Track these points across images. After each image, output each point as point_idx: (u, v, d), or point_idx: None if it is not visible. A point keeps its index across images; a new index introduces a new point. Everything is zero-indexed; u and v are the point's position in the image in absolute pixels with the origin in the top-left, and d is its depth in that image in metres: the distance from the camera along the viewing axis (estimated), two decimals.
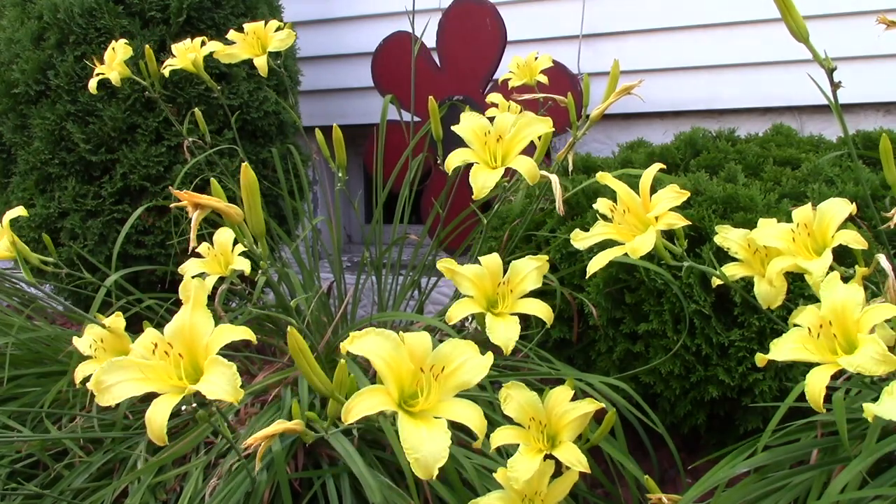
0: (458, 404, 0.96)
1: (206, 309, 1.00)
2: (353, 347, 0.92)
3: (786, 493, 1.21)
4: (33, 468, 1.78)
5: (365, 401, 0.89)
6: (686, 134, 2.26)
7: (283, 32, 1.97)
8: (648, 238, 1.10)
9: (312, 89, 3.33)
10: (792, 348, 0.96)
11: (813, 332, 0.95)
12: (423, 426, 0.90)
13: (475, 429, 0.95)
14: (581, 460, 1.13)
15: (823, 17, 2.56)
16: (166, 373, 0.96)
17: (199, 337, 0.98)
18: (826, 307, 0.96)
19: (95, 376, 0.93)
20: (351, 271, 3.17)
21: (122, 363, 0.95)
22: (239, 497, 1.43)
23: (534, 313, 1.26)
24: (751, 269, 1.21)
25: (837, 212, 1.11)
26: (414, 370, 0.94)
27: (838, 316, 0.95)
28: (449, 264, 1.24)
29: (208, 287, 1.56)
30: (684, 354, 1.74)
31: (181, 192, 1.11)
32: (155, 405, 0.93)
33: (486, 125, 1.39)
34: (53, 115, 2.45)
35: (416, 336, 0.96)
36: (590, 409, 1.16)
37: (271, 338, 2.10)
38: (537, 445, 1.15)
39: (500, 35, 2.89)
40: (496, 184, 1.34)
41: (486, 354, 0.98)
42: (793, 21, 1.09)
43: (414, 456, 0.87)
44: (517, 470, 1.11)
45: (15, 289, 2.47)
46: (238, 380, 0.92)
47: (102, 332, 1.36)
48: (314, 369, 0.96)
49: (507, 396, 1.18)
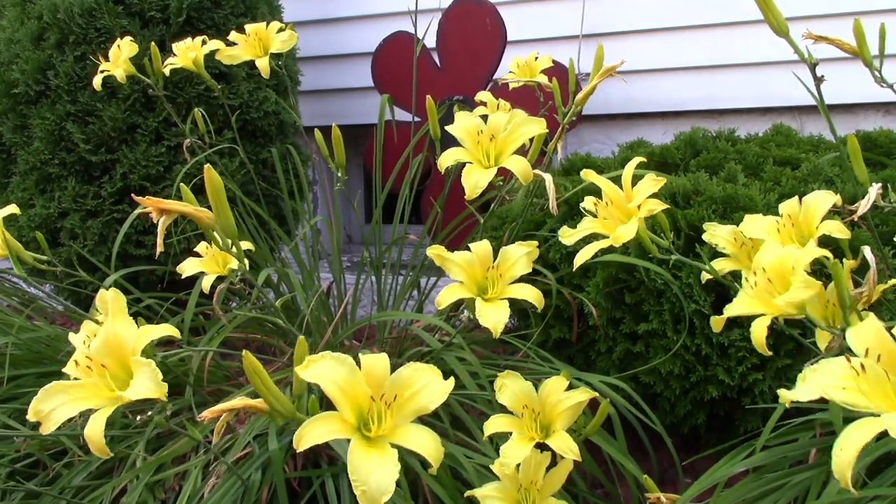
0: (415, 431, 0.92)
1: (127, 316, 1.01)
2: (305, 374, 0.89)
3: (784, 493, 1.21)
4: (33, 467, 1.78)
5: (316, 428, 0.87)
6: (686, 134, 2.25)
7: (286, 34, 1.97)
8: (630, 226, 1.14)
9: (313, 89, 3.33)
10: (741, 304, 1.05)
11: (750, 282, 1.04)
12: (374, 455, 0.87)
13: (430, 458, 0.92)
14: (573, 448, 1.14)
15: (823, 18, 2.57)
16: (97, 387, 0.97)
17: (125, 343, 1.00)
18: (767, 264, 1.03)
19: (33, 406, 0.95)
20: (351, 271, 3.17)
21: (54, 389, 0.97)
22: (237, 496, 1.43)
23: (524, 297, 1.26)
24: (739, 264, 1.24)
25: (822, 203, 1.14)
26: (370, 395, 0.91)
27: (777, 271, 1.01)
28: (438, 250, 1.25)
29: (206, 285, 1.57)
30: (684, 354, 1.74)
31: (144, 198, 1.07)
32: (91, 421, 0.94)
33: (479, 124, 1.39)
34: (53, 115, 2.45)
35: (372, 359, 0.93)
36: (583, 398, 1.18)
37: (271, 338, 2.10)
38: (530, 434, 1.17)
39: (500, 35, 2.89)
40: (489, 183, 1.34)
41: (448, 380, 0.95)
42: (773, 17, 1.14)
43: (361, 488, 0.84)
44: (508, 455, 1.12)
45: (15, 289, 2.47)
46: (159, 374, 0.93)
47: (96, 328, 1.36)
48: (272, 391, 0.93)
49: (502, 386, 1.20)
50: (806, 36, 1.20)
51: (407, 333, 2.03)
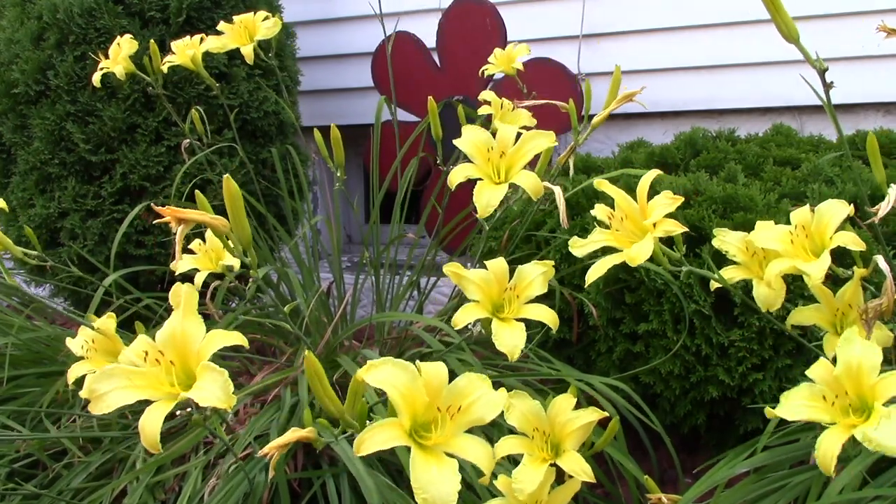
0: (470, 442, 0.94)
1: (197, 315, 0.98)
2: (369, 377, 0.89)
3: (785, 494, 1.21)
4: (32, 468, 1.78)
5: (379, 434, 0.88)
6: (686, 134, 2.25)
7: (270, 21, 1.97)
8: (646, 246, 1.09)
9: (312, 89, 3.33)
10: (803, 406, 0.92)
11: (828, 399, 0.90)
12: (433, 463, 0.88)
13: (483, 468, 0.94)
14: (586, 470, 1.11)
15: (824, 18, 2.56)
16: (158, 380, 0.94)
17: (191, 343, 0.96)
18: (841, 364, 0.91)
19: (88, 384, 0.92)
20: (351, 271, 3.17)
21: (113, 371, 0.93)
22: (238, 497, 1.42)
23: (539, 318, 1.25)
24: (749, 273, 1.20)
25: (836, 213, 1.09)
26: (429, 403, 0.92)
27: (853, 376, 0.90)
28: (456, 268, 1.24)
29: (199, 283, 1.56)
30: (684, 354, 1.74)
31: (163, 208, 1.07)
32: (148, 413, 0.91)
33: (488, 140, 1.37)
34: (53, 115, 2.45)
35: (432, 368, 0.94)
36: (593, 418, 1.15)
37: (271, 338, 2.10)
38: (541, 455, 1.13)
39: (500, 35, 2.88)
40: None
41: (500, 390, 0.97)
42: (782, 22, 1.07)
43: (423, 496, 0.85)
44: (522, 481, 1.09)
45: (15, 289, 2.47)
46: (230, 386, 0.90)
47: (94, 333, 1.36)
48: (328, 393, 0.94)
49: (510, 406, 1.16)
50: (880, 28, 1.17)
51: (407, 334, 2.03)
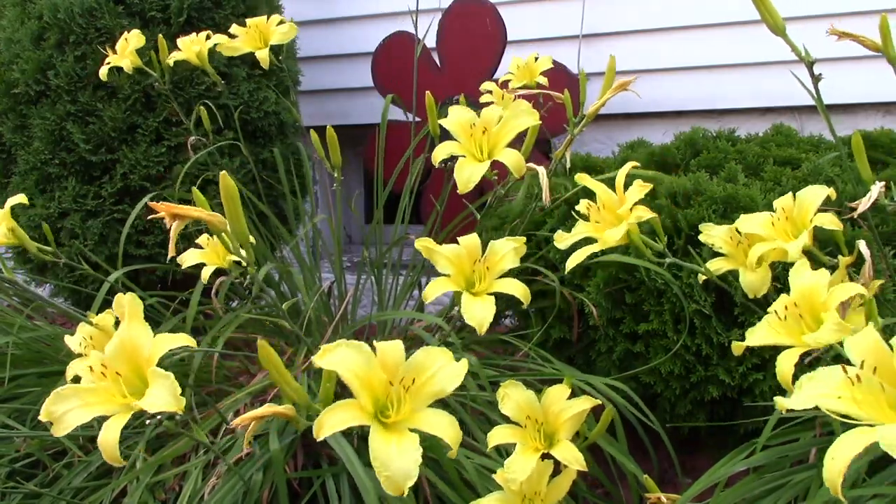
0: (432, 415, 0.92)
1: (144, 322, 0.99)
2: (322, 362, 0.89)
3: (785, 492, 1.21)
4: (32, 468, 1.78)
5: (336, 415, 0.87)
6: (686, 134, 2.25)
7: (286, 26, 1.98)
8: (618, 230, 1.16)
9: (313, 89, 3.33)
10: (765, 333, 1.01)
11: (780, 315, 0.99)
12: (393, 440, 0.87)
13: (449, 440, 0.92)
14: (578, 459, 1.12)
15: (824, 17, 2.56)
16: (110, 393, 0.95)
17: (140, 350, 0.97)
18: (794, 292, 1.00)
19: (45, 407, 0.94)
20: (351, 271, 3.17)
21: (66, 392, 0.95)
22: (238, 496, 1.42)
23: (511, 292, 1.26)
24: (735, 263, 1.24)
25: (815, 197, 1.16)
26: (387, 381, 0.91)
27: (806, 299, 0.98)
28: (427, 243, 1.25)
29: (205, 276, 1.56)
30: (684, 354, 1.74)
31: (158, 203, 1.08)
32: (105, 429, 0.92)
33: (472, 118, 1.39)
34: (53, 115, 2.45)
35: (387, 346, 0.93)
36: (586, 406, 1.16)
37: (272, 337, 2.10)
38: (534, 444, 1.14)
39: (500, 35, 2.89)
40: (484, 178, 1.34)
41: (461, 361, 0.95)
42: (769, 15, 1.14)
43: (384, 473, 0.84)
44: (514, 470, 1.10)
45: (14, 283, 2.47)
46: (177, 388, 0.91)
47: (93, 330, 1.36)
48: (285, 378, 0.93)
49: (505, 395, 1.18)
50: (830, 32, 1.19)
51: (408, 334, 2.03)
